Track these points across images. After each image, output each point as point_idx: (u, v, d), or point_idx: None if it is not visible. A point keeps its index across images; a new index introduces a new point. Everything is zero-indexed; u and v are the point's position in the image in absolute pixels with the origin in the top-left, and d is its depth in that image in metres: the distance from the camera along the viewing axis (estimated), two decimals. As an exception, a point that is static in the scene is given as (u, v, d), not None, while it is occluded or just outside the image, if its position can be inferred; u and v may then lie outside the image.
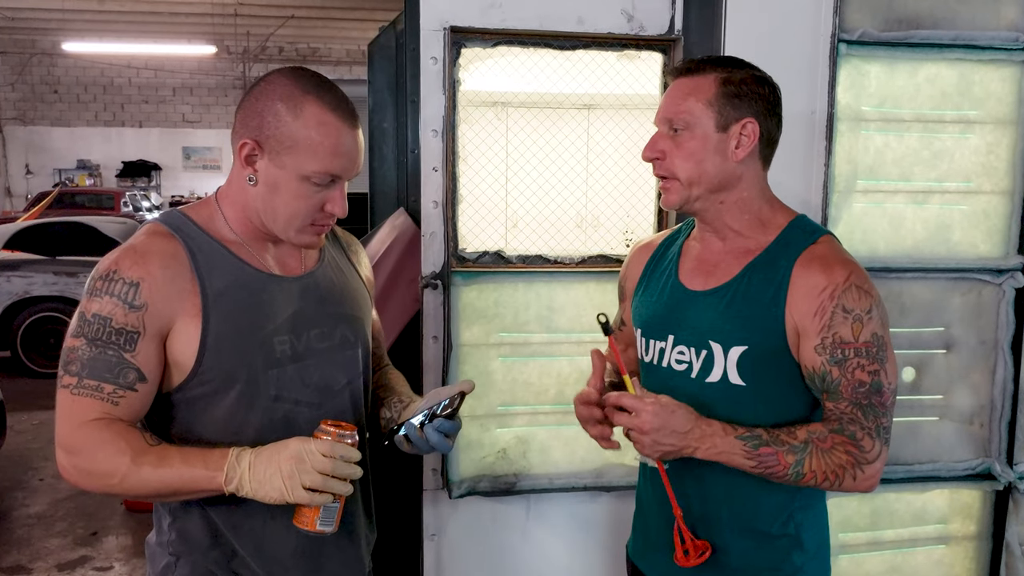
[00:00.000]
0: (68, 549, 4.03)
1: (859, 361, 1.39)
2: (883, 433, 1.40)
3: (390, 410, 1.58)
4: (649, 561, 1.66)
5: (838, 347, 1.40)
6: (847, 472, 1.38)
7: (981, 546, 2.45)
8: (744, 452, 1.39)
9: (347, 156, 1.35)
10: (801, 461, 1.38)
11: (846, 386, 1.40)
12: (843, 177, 2.24)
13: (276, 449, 1.27)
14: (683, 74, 1.50)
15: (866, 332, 1.39)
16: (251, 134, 1.34)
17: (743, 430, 1.41)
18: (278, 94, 1.34)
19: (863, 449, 1.39)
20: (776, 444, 1.39)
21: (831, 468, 1.38)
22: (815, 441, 1.39)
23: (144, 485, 1.28)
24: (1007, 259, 2.32)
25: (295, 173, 1.33)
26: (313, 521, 1.30)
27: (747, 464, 1.40)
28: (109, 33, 15.34)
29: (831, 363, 1.40)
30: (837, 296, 1.40)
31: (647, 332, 1.60)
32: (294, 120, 1.32)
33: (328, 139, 1.32)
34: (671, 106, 1.49)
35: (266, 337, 1.39)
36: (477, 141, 2.22)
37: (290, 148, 1.32)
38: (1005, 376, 2.34)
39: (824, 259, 1.44)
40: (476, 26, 2.12)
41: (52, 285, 6.99)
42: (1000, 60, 2.25)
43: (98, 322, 1.29)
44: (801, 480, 1.40)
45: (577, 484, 2.32)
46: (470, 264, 2.22)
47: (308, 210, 1.37)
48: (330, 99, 1.34)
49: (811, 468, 1.38)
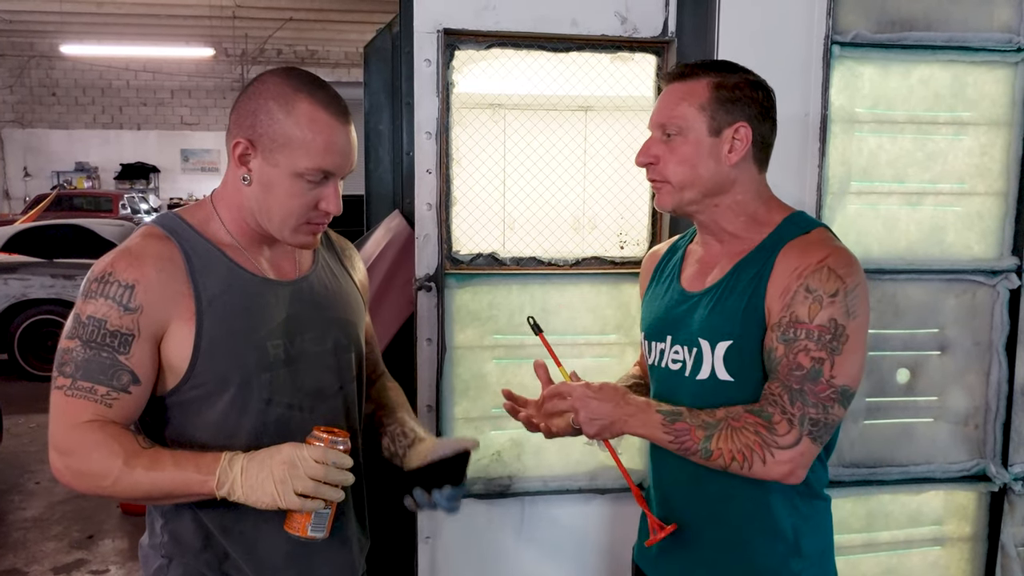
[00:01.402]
0: (64, 552, 4.03)
1: (807, 344, 1.35)
2: (807, 424, 1.35)
3: (393, 443, 1.57)
4: (656, 566, 1.66)
5: (791, 326, 1.37)
6: (755, 454, 1.35)
7: (976, 548, 2.45)
8: (663, 428, 1.40)
9: (340, 152, 1.35)
10: (710, 437, 1.37)
11: (784, 366, 1.37)
12: (837, 179, 2.24)
13: (269, 454, 1.27)
14: (676, 79, 1.50)
15: (823, 315, 1.35)
16: (244, 134, 1.35)
17: (666, 407, 1.42)
18: (270, 93, 1.34)
19: (774, 432, 1.35)
20: (692, 420, 1.39)
21: (738, 448, 1.36)
22: (729, 420, 1.38)
23: (136, 487, 1.28)
24: (1001, 260, 2.32)
25: (288, 171, 1.34)
26: (304, 527, 1.30)
27: (665, 439, 1.40)
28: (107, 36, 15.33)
29: (779, 340, 1.38)
30: (805, 276, 1.38)
31: (649, 335, 1.62)
32: (286, 118, 1.32)
33: (320, 136, 1.33)
34: (664, 111, 1.49)
35: (260, 341, 1.39)
36: (471, 143, 2.22)
37: (283, 146, 1.33)
38: (1000, 377, 2.34)
39: (807, 243, 1.43)
40: (470, 28, 2.12)
41: (49, 288, 6.99)
42: (993, 62, 2.26)
43: (93, 324, 1.30)
44: (711, 459, 1.38)
45: (571, 487, 2.32)
46: (464, 266, 2.22)
47: (302, 208, 1.37)
48: (322, 96, 1.35)
49: (718, 446, 1.37)
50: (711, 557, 1.53)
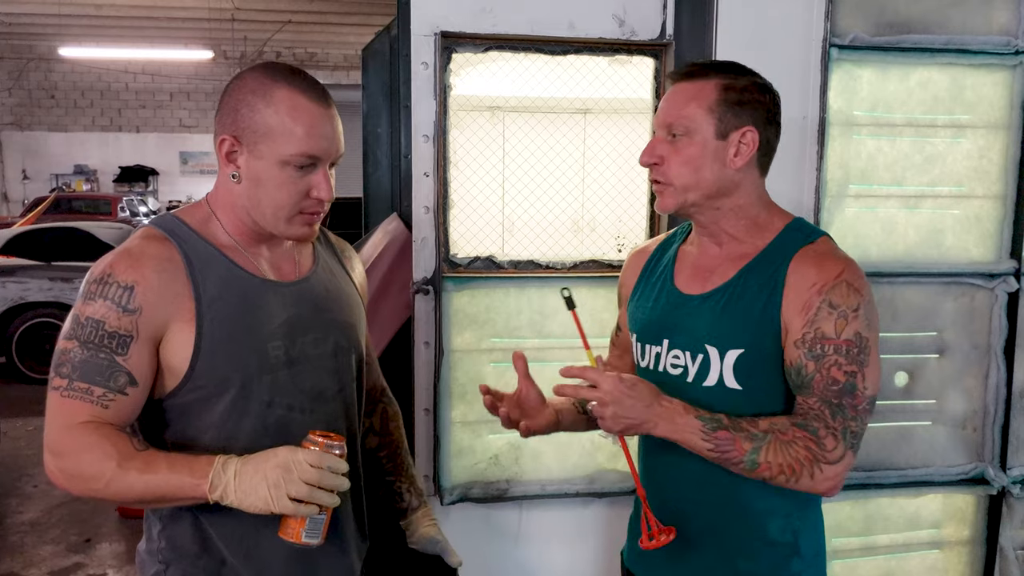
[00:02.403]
0: (61, 556, 4.02)
1: (837, 359, 1.36)
2: (850, 437, 1.37)
3: (401, 500, 1.69)
4: (646, 568, 1.65)
5: (818, 342, 1.37)
6: (804, 468, 1.35)
7: (975, 551, 2.45)
8: (702, 433, 1.37)
9: (323, 136, 1.35)
10: (758, 449, 1.35)
11: (819, 382, 1.37)
12: (835, 182, 2.24)
13: (264, 458, 1.26)
14: (684, 78, 1.48)
15: (849, 330, 1.37)
16: (228, 130, 1.35)
17: (705, 412, 1.39)
18: (248, 87, 1.35)
19: (824, 447, 1.35)
20: (735, 430, 1.37)
21: (788, 462, 1.35)
22: (776, 432, 1.36)
23: (129, 490, 1.27)
24: (999, 263, 2.32)
25: (274, 160, 1.33)
26: (299, 533, 1.28)
27: (704, 446, 1.37)
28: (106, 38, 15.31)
29: (808, 357, 1.37)
30: (825, 291, 1.38)
31: (642, 337, 1.59)
32: (266, 107, 1.33)
33: (301, 121, 1.33)
34: (671, 111, 1.46)
35: (260, 342, 1.38)
36: (468, 146, 2.22)
37: (265, 135, 1.33)
38: (998, 380, 2.34)
39: (819, 256, 1.42)
40: (467, 31, 2.12)
41: (48, 291, 6.97)
42: (992, 64, 2.26)
43: (91, 325, 1.29)
44: (756, 470, 1.36)
45: (569, 490, 2.31)
46: (461, 269, 2.22)
47: (293, 197, 1.36)
48: (300, 83, 1.35)
49: (767, 459, 1.35)
50: (711, 561, 1.51)
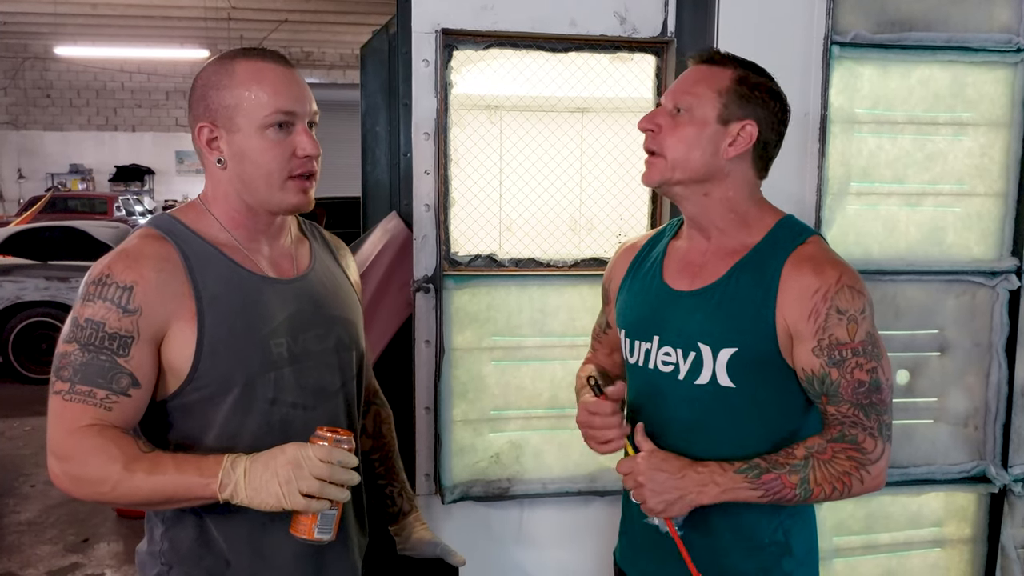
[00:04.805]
0: (59, 556, 4.00)
1: (857, 360, 1.40)
2: (885, 431, 1.41)
3: (393, 504, 1.70)
4: (637, 567, 1.64)
5: (835, 348, 1.40)
6: (853, 477, 1.39)
7: (976, 549, 2.45)
8: (748, 484, 1.39)
9: (290, 92, 1.37)
10: (806, 479, 1.38)
11: (846, 387, 1.40)
12: (837, 179, 2.23)
13: (272, 455, 1.26)
14: (704, 61, 1.51)
15: (861, 332, 1.40)
16: (203, 118, 1.37)
17: (740, 463, 1.40)
18: (210, 73, 1.39)
19: (865, 451, 1.39)
20: (776, 468, 1.39)
21: (836, 477, 1.38)
22: (815, 455, 1.39)
23: (136, 492, 1.26)
24: (1001, 261, 2.32)
25: (253, 129, 1.35)
26: (311, 529, 1.28)
27: (754, 495, 1.39)
28: (102, 37, 15.28)
29: (830, 364, 1.40)
30: (830, 298, 1.40)
31: (632, 333, 1.58)
32: (231, 83, 1.35)
33: (267, 82, 1.35)
34: (682, 87, 1.49)
35: (262, 340, 1.38)
36: (469, 144, 2.21)
37: (237, 108, 1.35)
38: (999, 378, 2.34)
39: (814, 260, 1.44)
40: (468, 28, 2.12)
41: (44, 290, 6.95)
42: (993, 62, 2.25)
43: (91, 327, 1.28)
44: (811, 496, 1.39)
45: (571, 489, 2.30)
46: (462, 267, 2.21)
47: (279, 160, 1.36)
48: (255, 54, 1.39)
49: (817, 482, 1.38)
50: (702, 561, 1.51)
